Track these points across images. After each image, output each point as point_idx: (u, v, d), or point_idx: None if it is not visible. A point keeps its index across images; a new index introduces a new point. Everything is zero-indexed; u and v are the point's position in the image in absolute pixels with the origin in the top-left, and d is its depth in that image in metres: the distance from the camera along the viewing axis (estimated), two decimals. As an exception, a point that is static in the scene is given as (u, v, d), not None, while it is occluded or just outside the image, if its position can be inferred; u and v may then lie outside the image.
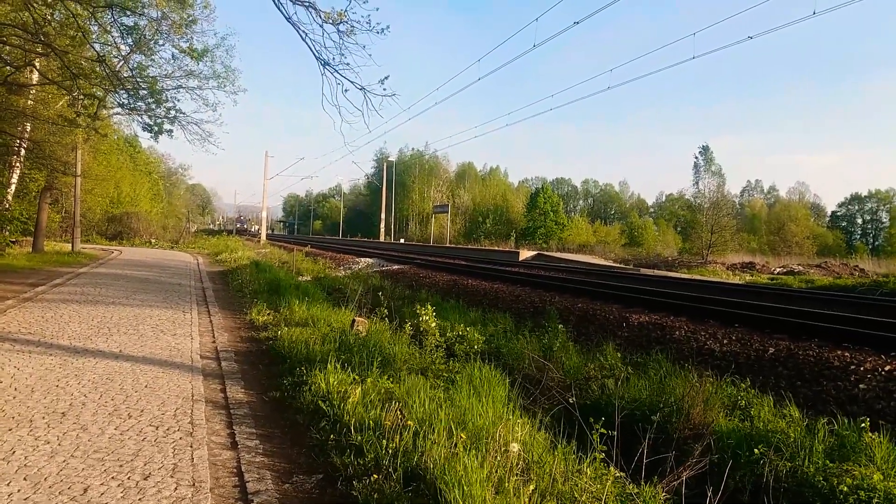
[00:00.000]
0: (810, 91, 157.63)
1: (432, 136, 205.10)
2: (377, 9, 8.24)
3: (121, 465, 4.39)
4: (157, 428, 5.27)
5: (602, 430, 4.45)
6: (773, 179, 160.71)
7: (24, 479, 4.07)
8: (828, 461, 4.88)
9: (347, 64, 8.91)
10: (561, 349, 8.67)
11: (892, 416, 6.13)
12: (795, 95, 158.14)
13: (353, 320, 9.43)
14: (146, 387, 6.55)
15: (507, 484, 3.84)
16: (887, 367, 7.03)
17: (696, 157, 63.21)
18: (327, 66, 8.97)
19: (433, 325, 8.53)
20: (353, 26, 8.64)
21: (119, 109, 23.10)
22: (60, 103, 21.85)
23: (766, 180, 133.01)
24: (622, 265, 39.69)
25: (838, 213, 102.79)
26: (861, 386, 6.81)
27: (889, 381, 6.72)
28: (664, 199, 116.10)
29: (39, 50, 14.78)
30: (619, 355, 8.55)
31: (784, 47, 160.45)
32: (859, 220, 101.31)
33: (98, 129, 19.59)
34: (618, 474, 4.23)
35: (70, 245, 30.74)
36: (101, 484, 4.06)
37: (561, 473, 4.10)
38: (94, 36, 16.61)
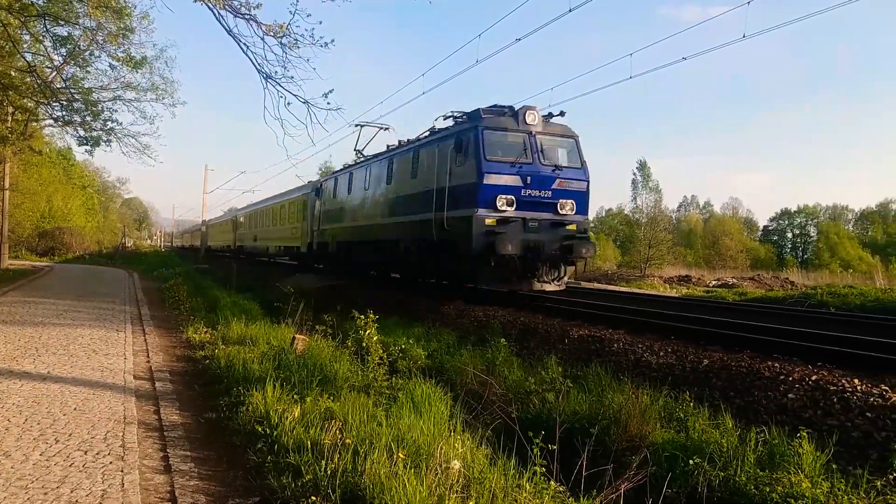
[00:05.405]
0: (742, 113, 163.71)
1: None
2: (320, 22, 8.29)
3: (45, 493, 4.19)
4: (85, 452, 5.07)
5: (542, 445, 4.48)
6: (708, 195, 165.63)
7: (-61, 511, 3.86)
8: (759, 470, 5.01)
9: (291, 77, 8.87)
10: (503, 363, 8.70)
11: (818, 424, 6.36)
12: (730, 116, 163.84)
13: (293, 337, 9.27)
14: (75, 409, 6.29)
15: (447, 502, 3.82)
16: (814, 377, 7.29)
17: (634, 173, 64.64)
18: (270, 80, 8.90)
19: (375, 339, 8.46)
20: (296, 40, 8.62)
21: (52, 122, 22.34)
22: (-13, 114, 21.02)
23: (702, 196, 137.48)
24: (564, 279, 40.13)
25: (770, 228, 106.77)
26: (790, 395, 7.05)
27: (816, 391, 6.97)
28: (604, 213, 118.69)
29: (-36, 59, 14.21)
30: (560, 369, 8.62)
31: (717, 72, 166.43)
32: (789, 235, 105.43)
33: (32, 147, 18.93)
34: (557, 488, 4.27)
35: (-4, 261, 29.42)
36: (23, 514, 3.88)
37: (501, 489, 4.11)
38: (25, 45, 16.06)
